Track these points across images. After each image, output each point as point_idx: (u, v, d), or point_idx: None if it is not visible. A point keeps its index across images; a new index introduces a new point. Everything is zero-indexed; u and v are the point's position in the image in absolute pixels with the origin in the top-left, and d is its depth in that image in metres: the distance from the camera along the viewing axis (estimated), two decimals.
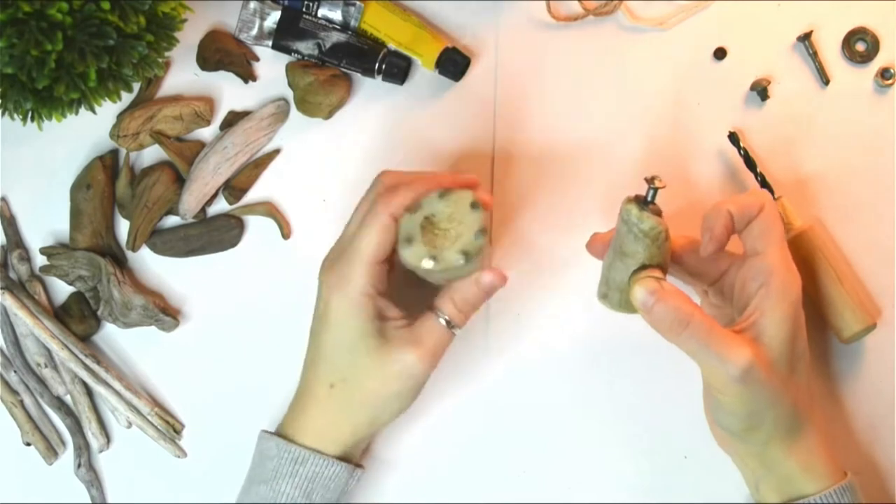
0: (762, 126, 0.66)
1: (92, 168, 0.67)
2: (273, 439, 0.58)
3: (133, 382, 0.67)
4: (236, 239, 0.67)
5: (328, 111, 0.67)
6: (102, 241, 0.67)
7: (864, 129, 0.66)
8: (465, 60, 0.67)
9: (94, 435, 0.66)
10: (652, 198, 0.55)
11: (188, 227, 0.67)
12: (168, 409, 0.67)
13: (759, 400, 0.54)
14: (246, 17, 0.68)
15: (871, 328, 0.63)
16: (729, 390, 0.54)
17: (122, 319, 0.65)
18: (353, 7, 0.67)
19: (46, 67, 0.55)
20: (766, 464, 0.57)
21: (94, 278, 0.66)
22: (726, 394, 0.54)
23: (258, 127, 0.67)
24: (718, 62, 0.67)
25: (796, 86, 0.67)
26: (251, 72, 0.68)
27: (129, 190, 0.67)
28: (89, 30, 0.55)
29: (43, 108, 0.58)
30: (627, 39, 0.68)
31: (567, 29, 0.68)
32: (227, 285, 0.67)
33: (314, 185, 0.68)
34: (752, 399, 0.54)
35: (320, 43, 0.67)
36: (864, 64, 0.67)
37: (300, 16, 0.67)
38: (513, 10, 0.68)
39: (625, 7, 0.67)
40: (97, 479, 0.66)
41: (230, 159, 0.67)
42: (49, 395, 0.66)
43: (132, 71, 0.59)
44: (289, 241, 0.67)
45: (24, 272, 0.67)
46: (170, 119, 0.67)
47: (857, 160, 0.66)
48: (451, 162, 0.67)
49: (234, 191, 0.67)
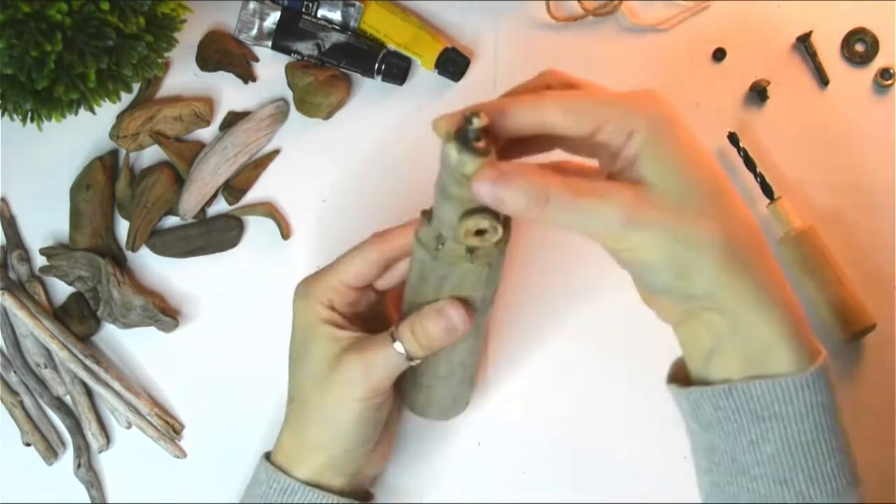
0: (762, 126, 0.66)
1: (92, 168, 0.67)
2: (264, 465, 0.57)
3: (133, 383, 0.67)
4: (236, 239, 0.67)
5: (328, 111, 0.67)
6: (102, 242, 0.67)
7: (863, 129, 0.66)
8: (464, 61, 0.67)
9: (93, 435, 0.66)
10: (475, 137, 0.44)
11: (188, 227, 0.67)
12: (168, 409, 0.67)
13: (664, 241, 0.45)
14: (245, 18, 0.68)
15: (870, 328, 0.63)
16: (624, 243, 0.45)
17: (122, 320, 0.65)
18: (353, 7, 0.67)
19: (46, 68, 0.55)
20: (730, 312, 0.47)
21: (94, 279, 0.66)
22: (625, 249, 0.46)
23: (258, 127, 0.67)
24: (718, 63, 0.67)
25: (796, 86, 0.67)
26: (251, 72, 0.68)
27: (128, 190, 0.67)
28: (89, 30, 0.55)
29: (42, 108, 0.58)
30: (627, 40, 0.68)
31: (567, 29, 0.68)
32: (226, 285, 0.67)
33: (314, 186, 0.68)
34: (655, 242, 0.45)
35: (320, 43, 0.67)
36: (864, 64, 0.67)
37: (300, 16, 0.67)
38: (513, 10, 0.68)
39: (625, 7, 0.67)
40: (97, 479, 0.66)
41: (230, 160, 0.67)
42: (49, 395, 0.66)
43: (132, 71, 0.59)
44: (288, 242, 0.67)
45: (23, 272, 0.67)
46: (169, 119, 0.67)
47: (856, 160, 0.66)
48: None
49: (234, 191, 0.67)
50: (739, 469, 0.49)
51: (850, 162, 0.66)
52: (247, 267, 0.67)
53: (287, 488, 0.55)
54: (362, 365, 0.53)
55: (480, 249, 0.49)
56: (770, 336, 0.47)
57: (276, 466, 0.56)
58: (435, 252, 0.49)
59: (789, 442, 0.48)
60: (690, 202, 0.45)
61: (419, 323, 0.52)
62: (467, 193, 0.45)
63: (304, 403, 0.56)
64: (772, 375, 0.47)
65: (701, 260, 0.46)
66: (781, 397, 0.47)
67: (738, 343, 0.48)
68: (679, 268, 0.46)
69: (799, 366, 0.47)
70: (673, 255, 0.46)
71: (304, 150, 0.68)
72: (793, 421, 0.47)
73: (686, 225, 0.45)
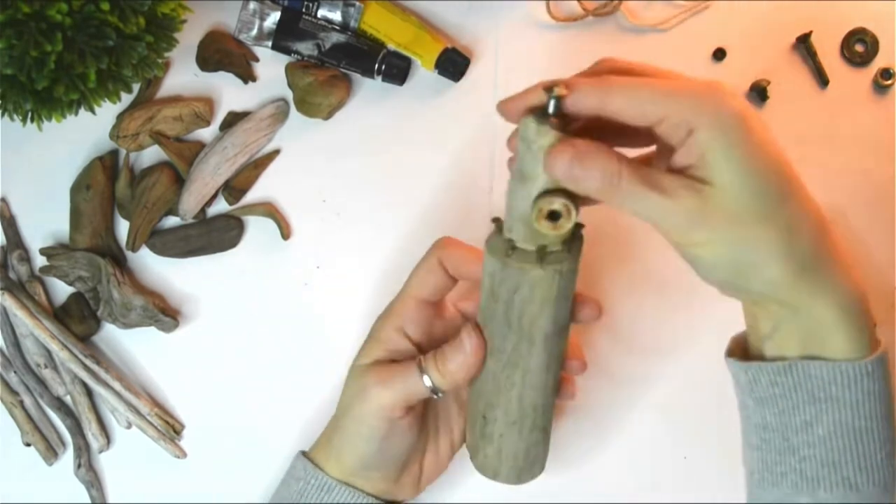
0: None
1: (92, 168, 0.67)
2: (301, 461, 0.59)
3: (133, 383, 0.67)
4: (236, 239, 0.67)
5: (328, 112, 0.67)
6: (102, 242, 0.67)
7: (863, 129, 0.66)
8: (464, 61, 0.67)
9: (94, 435, 0.66)
10: (554, 110, 0.45)
11: (188, 227, 0.67)
12: (168, 409, 0.67)
13: (726, 244, 0.46)
14: (246, 18, 0.68)
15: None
16: (686, 238, 0.46)
17: (122, 320, 0.65)
18: (353, 7, 0.67)
19: (46, 68, 0.55)
20: (791, 304, 0.48)
21: (94, 279, 0.66)
22: (686, 244, 0.47)
23: (258, 127, 0.67)
24: (718, 63, 0.67)
25: (795, 87, 0.67)
26: (251, 72, 0.68)
27: (128, 190, 0.67)
28: (89, 31, 0.55)
29: (42, 108, 0.58)
30: (627, 40, 0.68)
31: (567, 29, 0.68)
32: (226, 286, 0.67)
33: (314, 186, 0.68)
34: (717, 243, 0.46)
35: (320, 43, 0.67)
36: (864, 65, 0.67)
37: (300, 16, 0.67)
38: (513, 10, 0.68)
39: (625, 7, 0.67)
40: (97, 479, 0.66)
41: (230, 160, 0.67)
42: (49, 395, 0.66)
43: (132, 72, 0.59)
44: (288, 242, 0.67)
45: (23, 273, 0.67)
46: (169, 119, 0.67)
47: (856, 160, 0.66)
48: (451, 162, 0.67)
49: (234, 191, 0.67)
50: (790, 448, 0.50)
51: (850, 162, 0.66)
52: (247, 267, 0.67)
53: (325, 485, 0.57)
54: (380, 383, 0.55)
55: (551, 253, 0.48)
56: (830, 322, 0.48)
57: (314, 462, 0.58)
58: (505, 259, 0.48)
59: (843, 426, 0.49)
60: (755, 207, 0.45)
61: (441, 353, 0.54)
62: (543, 173, 0.45)
63: (342, 414, 0.57)
64: (829, 360, 0.48)
65: (762, 264, 0.46)
66: (840, 381, 0.48)
67: (798, 327, 0.49)
68: (739, 269, 0.47)
69: (857, 353, 0.48)
70: (734, 258, 0.46)
71: (304, 150, 0.68)
72: (848, 406, 0.48)
73: (749, 230, 0.46)
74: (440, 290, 0.57)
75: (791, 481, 0.50)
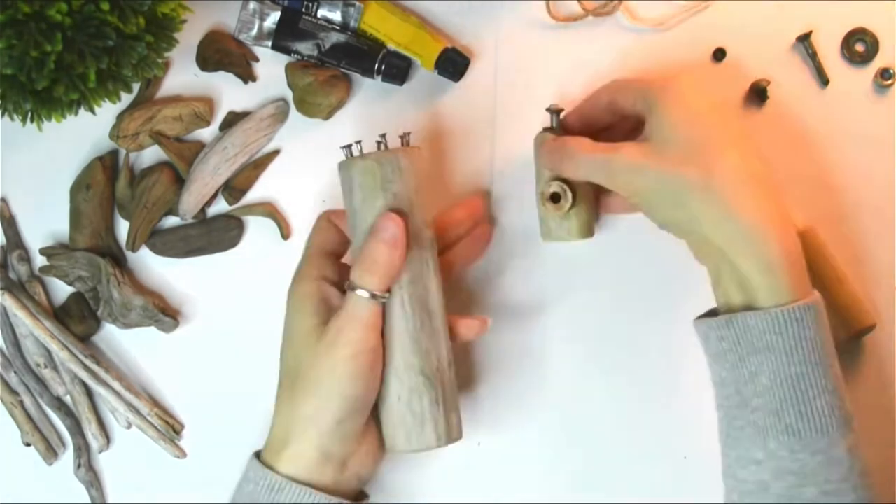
0: (762, 126, 0.66)
1: (91, 168, 0.67)
2: (252, 463, 0.57)
3: (133, 383, 0.67)
4: (236, 239, 0.67)
5: (328, 111, 0.67)
6: (102, 242, 0.67)
7: (863, 129, 0.66)
8: (464, 61, 0.67)
9: (93, 435, 0.66)
10: (556, 124, 0.62)
11: (188, 227, 0.67)
12: (168, 409, 0.67)
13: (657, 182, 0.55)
14: (245, 18, 0.68)
15: (870, 328, 0.63)
16: (631, 187, 0.56)
17: (122, 320, 0.65)
18: (353, 7, 0.67)
19: (46, 68, 0.55)
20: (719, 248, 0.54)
21: (94, 279, 0.66)
22: (633, 193, 0.56)
23: (258, 127, 0.67)
24: (718, 63, 0.67)
25: (796, 86, 0.67)
26: (251, 72, 0.68)
27: (128, 190, 0.67)
28: (89, 31, 0.55)
29: (42, 108, 0.58)
30: (627, 40, 0.68)
31: (567, 29, 0.68)
32: (226, 286, 0.67)
33: (314, 186, 0.68)
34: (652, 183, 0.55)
35: (320, 43, 0.67)
36: (864, 64, 0.67)
37: (300, 16, 0.67)
38: (513, 10, 0.68)
39: (624, 7, 0.67)
40: (97, 479, 0.66)
41: (230, 160, 0.67)
42: (49, 395, 0.66)
43: (132, 72, 0.59)
44: (288, 242, 0.67)
45: (23, 272, 0.67)
46: (169, 119, 0.67)
47: (856, 160, 0.66)
48: (451, 162, 0.67)
49: (234, 191, 0.67)
50: (743, 401, 0.54)
51: (850, 162, 0.66)
52: (247, 267, 0.67)
53: (274, 485, 0.55)
54: (338, 324, 0.55)
55: None
56: (755, 270, 0.53)
57: (264, 463, 0.56)
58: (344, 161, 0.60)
59: (780, 374, 0.52)
60: (681, 152, 0.54)
61: (360, 256, 0.56)
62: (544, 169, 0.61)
63: (294, 379, 0.56)
64: (762, 308, 0.52)
65: (686, 198, 0.54)
66: (772, 328, 0.52)
67: (732, 276, 0.54)
68: (672, 204, 0.55)
69: (784, 300, 0.53)
70: (665, 194, 0.55)
71: (304, 150, 0.68)
72: (783, 353, 0.52)
73: (676, 168, 0.54)
74: (339, 244, 0.61)
75: (748, 435, 0.53)
